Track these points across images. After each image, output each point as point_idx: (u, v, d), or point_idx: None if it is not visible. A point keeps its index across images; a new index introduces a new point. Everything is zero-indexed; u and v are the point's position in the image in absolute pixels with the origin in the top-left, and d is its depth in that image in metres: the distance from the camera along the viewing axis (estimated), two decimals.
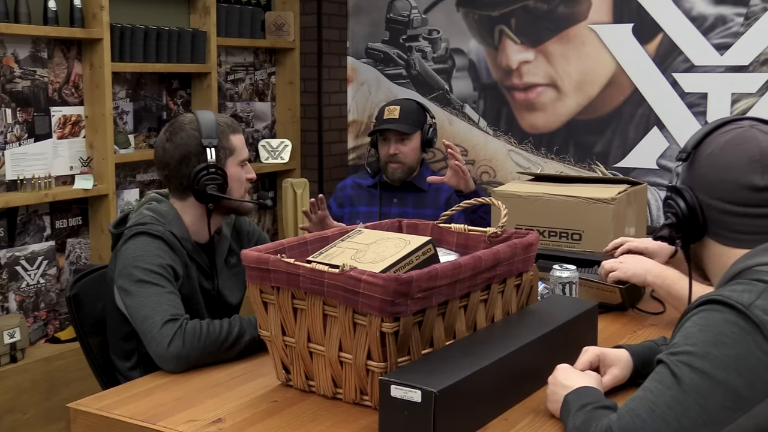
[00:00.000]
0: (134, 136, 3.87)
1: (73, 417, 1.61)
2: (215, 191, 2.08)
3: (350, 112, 4.78)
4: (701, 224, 1.42)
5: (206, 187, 2.07)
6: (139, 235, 2.01)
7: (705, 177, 1.41)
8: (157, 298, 1.90)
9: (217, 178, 2.08)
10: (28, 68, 3.40)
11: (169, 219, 2.09)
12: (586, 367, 1.61)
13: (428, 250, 1.65)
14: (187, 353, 1.80)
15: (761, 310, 1.24)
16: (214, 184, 2.08)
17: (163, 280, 1.95)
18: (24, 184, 3.36)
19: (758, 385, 1.23)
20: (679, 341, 1.29)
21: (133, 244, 2.00)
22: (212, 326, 1.85)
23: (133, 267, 1.95)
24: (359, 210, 3.15)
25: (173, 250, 2.03)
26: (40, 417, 3.26)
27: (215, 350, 1.84)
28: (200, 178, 2.07)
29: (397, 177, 3.10)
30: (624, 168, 4.00)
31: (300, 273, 1.54)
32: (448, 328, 1.60)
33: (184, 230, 2.10)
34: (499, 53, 4.27)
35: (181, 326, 1.83)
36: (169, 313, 1.86)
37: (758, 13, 3.66)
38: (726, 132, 1.42)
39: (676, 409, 1.22)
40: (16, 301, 3.40)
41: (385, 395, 1.38)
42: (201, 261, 2.13)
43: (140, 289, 1.92)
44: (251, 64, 4.53)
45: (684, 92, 3.85)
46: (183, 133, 2.11)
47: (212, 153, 2.08)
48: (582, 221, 2.47)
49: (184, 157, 2.09)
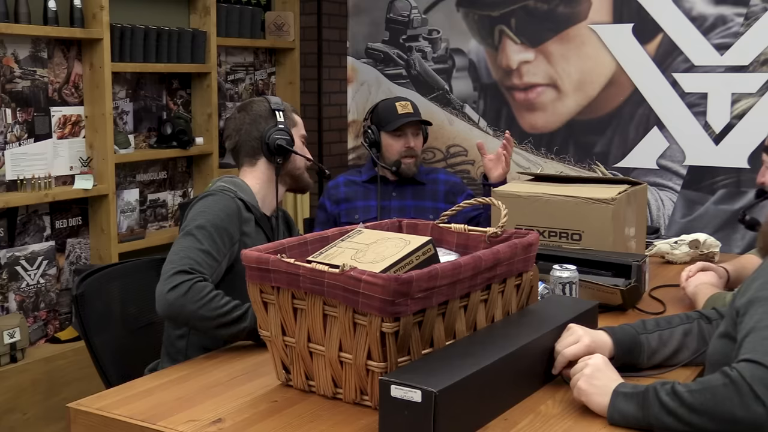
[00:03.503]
0: (134, 136, 3.87)
1: (73, 417, 1.61)
2: (285, 144, 2.25)
3: (350, 112, 4.78)
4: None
5: (276, 141, 2.24)
6: (210, 195, 2.14)
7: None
8: (188, 251, 1.98)
9: (286, 135, 2.26)
10: (28, 68, 3.40)
11: (241, 188, 2.21)
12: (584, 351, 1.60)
13: (428, 250, 1.65)
14: (182, 304, 1.88)
15: None
16: (283, 139, 2.25)
17: (208, 239, 2.03)
18: (24, 184, 3.36)
19: None
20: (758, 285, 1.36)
21: (202, 202, 2.13)
22: (219, 297, 1.91)
23: (193, 219, 2.07)
24: (356, 205, 3.15)
25: (238, 214, 2.12)
26: (40, 417, 3.26)
27: (209, 319, 1.89)
28: (271, 133, 2.25)
29: (411, 171, 3.11)
30: (624, 168, 4.00)
31: (300, 273, 1.54)
32: (448, 328, 1.60)
33: (253, 199, 2.23)
34: (499, 53, 4.27)
35: (191, 279, 1.90)
36: (189, 266, 1.94)
37: (758, 13, 3.66)
38: None
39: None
40: (16, 301, 3.40)
41: (385, 395, 1.38)
42: (267, 229, 2.24)
43: (183, 239, 2.02)
44: (251, 64, 4.53)
45: (684, 92, 3.85)
46: (254, 105, 2.31)
47: (281, 115, 2.28)
48: (582, 221, 2.47)
49: (255, 120, 2.28)
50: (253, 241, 2.14)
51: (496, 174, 3.00)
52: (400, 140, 3.10)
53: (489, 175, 3.02)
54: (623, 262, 2.30)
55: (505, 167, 3.00)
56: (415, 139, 3.11)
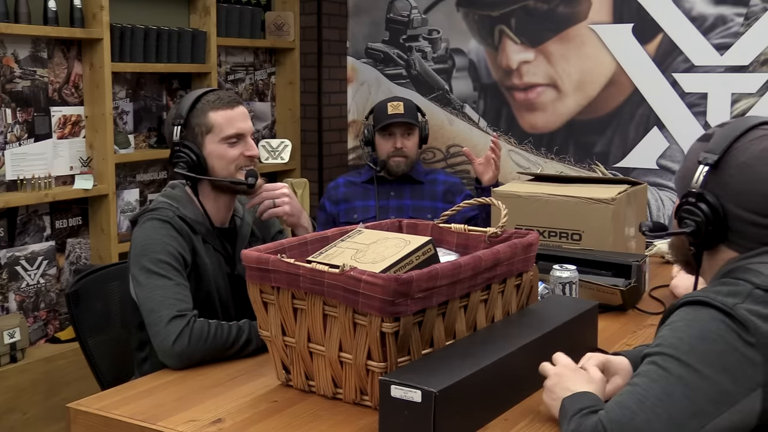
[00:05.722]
0: (134, 136, 3.87)
1: (73, 417, 1.61)
2: (183, 170, 2.02)
3: (350, 112, 4.78)
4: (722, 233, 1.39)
5: (175, 166, 2.03)
6: (148, 221, 2.00)
7: (736, 187, 1.37)
8: (164, 291, 1.88)
9: (183, 156, 2.02)
10: (28, 68, 3.40)
11: (182, 202, 2.06)
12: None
13: (428, 250, 1.65)
14: (191, 352, 1.80)
15: (746, 311, 1.26)
16: (181, 162, 2.02)
17: (171, 270, 1.93)
18: (24, 184, 3.36)
19: (742, 380, 1.24)
20: (666, 335, 1.30)
21: (141, 230, 2.00)
22: (220, 329, 1.85)
23: (142, 255, 1.95)
24: (355, 205, 3.16)
25: (181, 235, 2.00)
26: (40, 417, 3.26)
27: (219, 352, 1.85)
28: (170, 157, 2.04)
29: (400, 171, 3.13)
30: (624, 168, 4.00)
31: (300, 273, 1.54)
32: (448, 328, 1.60)
33: (197, 213, 2.07)
34: (499, 53, 4.27)
35: (188, 324, 1.82)
36: (176, 309, 1.85)
37: (758, 13, 3.66)
38: (757, 139, 1.39)
39: (665, 400, 1.23)
40: (16, 301, 3.40)
41: (385, 395, 1.38)
42: (216, 245, 2.09)
43: (148, 280, 1.91)
44: (251, 64, 4.53)
45: (684, 92, 3.85)
46: (169, 116, 2.12)
47: (177, 132, 2.03)
48: (582, 221, 2.47)
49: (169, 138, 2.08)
50: (202, 258, 2.04)
51: (487, 177, 3.01)
52: (389, 140, 3.13)
53: (481, 178, 3.03)
54: (623, 262, 2.30)
55: (495, 170, 3.01)
56: (404, 139, 3.12)
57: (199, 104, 2.06)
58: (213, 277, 2.06)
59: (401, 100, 3.22)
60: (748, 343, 1.25)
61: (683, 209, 1.42)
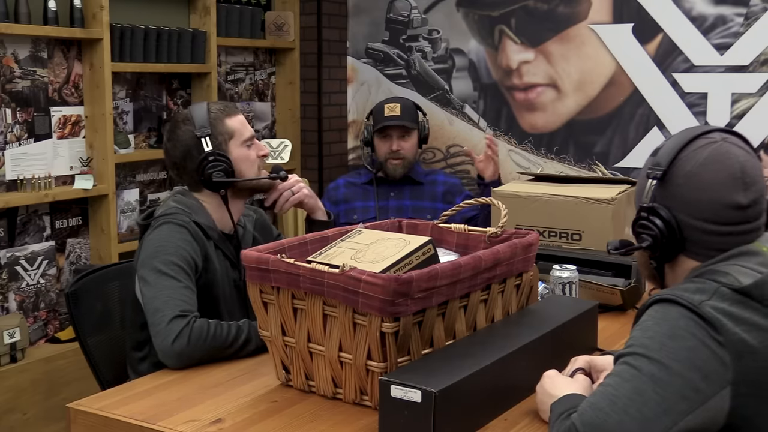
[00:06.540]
0: (134, 136, 3.87)
1: (73, 417, 1.61)
2: (222, 177, 2.10)
3: (350, 112, 4.78)
4: (679, 244, 1.40)
5: (211, 175, 2.10)
6: (164, 224, 2.04)
7: (685, 196, 1.38)
8: (170, 292, 1.91)
9: (220, 164, 2.11)
10: (28, 68, 3.40)
11: (195, 209, 2.12)
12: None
13: (428, 250, 1.65)
14: (190, 352, 1.81)
15: (712, 308, 1.27)
16: (219, 171, 2.10)
17: (182, 273, 1.96)
18: (24, 184, 3.36)
19: (712, 377, 1.24)
20: (637, 335, 1.31)
21: (157, 233, 2.03)
22: (219, 328, 1.86)
23: (155, 257, 1.98)
24: (355, 205, 3.17)
25: (196, 240, 2.05)
26: (40, 417, 3.26)
27: (219, 352, 1.85)
28: (204, 168, 2.10)
29: (398, 173, 3.14)
30: (624, 168, 4.00)
31: (300, 273, 1.54)
32: (448, 328, 1.60)
33: (210, 220, 2.13)
34: (499, 53, 4.27)
35: (188, 324, 1.83)
36: (179, 309, 1.87)
37: (758, 13, 3.66)
38: (701, 148, 1.39)
39: (636, 399, 1.23)
40: (16, 301, 3.40)
41: (385, 395, 1.38)
42: (227, 251, 2.15)
43: (157, 280, 1.94)
44: (251, 64, 4.53)
45: (684, 92, 3.85)
46: (179, 131, 2.15)
47: (207, 142, 2.11)
48: (582, 221, 2.47)
49: (185, 153, 2.14)
50: (214, 264, 2.08)
51: (489, 173, 3.14)
52: (386, 142, 3.14)
53: (483, 174, 3.15)
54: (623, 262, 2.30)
55: (495, 166, 3.16)
56: (401, 141, 3.12)
57: (212, 114, 2.14)
58: (221, 282, 2.10)
59: (399, 101, 3.22)
60: (717, 342, 1.25)
61: (638, 224, 1.43)
